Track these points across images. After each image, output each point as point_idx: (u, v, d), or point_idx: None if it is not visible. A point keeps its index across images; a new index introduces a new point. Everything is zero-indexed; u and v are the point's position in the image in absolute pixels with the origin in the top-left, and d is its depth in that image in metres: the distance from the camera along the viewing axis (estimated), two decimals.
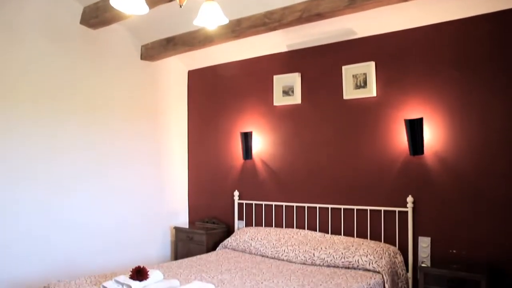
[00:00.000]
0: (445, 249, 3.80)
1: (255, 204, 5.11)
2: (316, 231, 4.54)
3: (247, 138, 5.08)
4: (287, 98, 4.82)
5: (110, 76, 4.93)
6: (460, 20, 3.77)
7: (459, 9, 3.70)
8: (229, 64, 5.44)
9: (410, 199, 3.94)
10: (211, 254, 4.50)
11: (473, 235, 3.67)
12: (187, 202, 5.84)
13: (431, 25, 3.92)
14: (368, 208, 4.21)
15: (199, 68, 5.78)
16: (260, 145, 5.09)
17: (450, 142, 3.80)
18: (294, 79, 4.76)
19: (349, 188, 4.38)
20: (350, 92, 4.35)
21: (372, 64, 4.21)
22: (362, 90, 4.27)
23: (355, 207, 4.29)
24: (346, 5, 3.58)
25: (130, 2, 2.54)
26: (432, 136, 3.88)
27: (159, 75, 5.52)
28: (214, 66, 5.60)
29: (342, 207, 4.38)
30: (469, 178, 3.70)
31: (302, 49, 4.76)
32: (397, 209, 4.04)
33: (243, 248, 4.58)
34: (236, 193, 5.23)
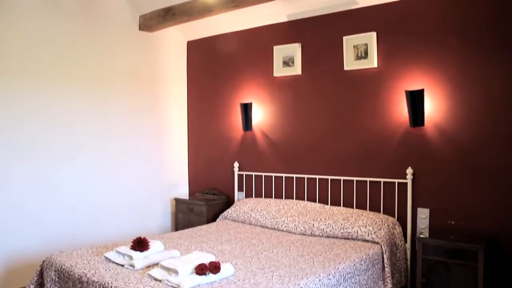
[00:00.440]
0: (443, 220, 3.82)
1: (255, 175, 5.13)
2: (315, 202, 4.56)
3: (247, 109, 5.05)
4: (287, 69, 4.78)
5: (108, 47, 4.88)
6: None
7: None
8: (228, 34, 5.37)
9: (409, 171, 3.94)
10: (211, 225, 4.54)
11: (471, 207, 3.69)
12: (187, 174, 5.86)
13: None
14: (368, 179, 4.22)
15: (198, 39, 5.71)
16: (260, 116, 5.07)
17: (450, 113, 3.78)
18: (295, 50, 4.71)
19: (349, 159, 4.38)
20: (350, 63, 4.31)
21: (373, 34, 4.15)
22: (363, 61, 4.23)
23: (355, 179, 4.30)
24: None
25: None
26: (433, 108, 3.86)
27: (158, 46, 5.46)
28: (213, 36, 5.53)
29: (342, 178, 4.39)
30: (469, 150, 3.69)
31: (302, 19, 4.69)
32: (396, 180, 4.05)
33: (243, 219, 4.61)
34: (236, 164, 5.24)
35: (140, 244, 3.22)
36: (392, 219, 3.95)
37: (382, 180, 4.13)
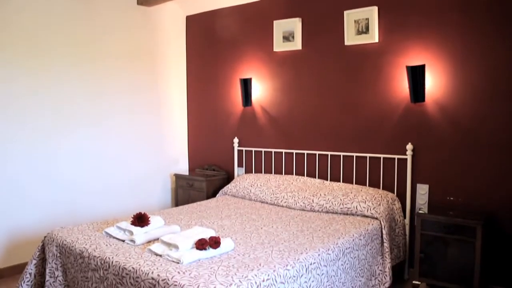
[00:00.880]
0: (442, 196, 3.84)
1: (254, 151, 5.13)
2: (315, 178, 4.58)
3: (246, 84, 5.02)
4: (287, 44, 4.73)
5: (106, 22, 4.82)
6: None
7: None
8: (228, 9, 5.30)
9: (409, 147, 3.94)
10: (211, 201, 4.56)
11: (471, 183, 3.70)
12: (186, 150, 5.86)
13: None
14: (368, 155, 4.22)
15: (197, 14, 5.63)
16: (260, 91, 5.04)
17: (451, 89, 3.76)
18: (295, 24, 4.65)
19: (348, 135, 4.37)
20: (351, 38, 4.26)
21: (374, 9, 4.09)
22: (364, 36, 4.18)
23: (355, 154, 4.30)
24: None
25: None
26: (434, 83, 3.83)
27: (157, 21, 5.39)
28: (213, 11, 5.46)
29: (342, 154, 4.39)
30: (469, 126, 3.68)
31: None
32: (396, 156, 4.05)
33: (243, 195, 4.63)
34: (236, 140, 5.23)
35: (140, 220, 3.24)
36: (391, 195, 3.96)
37: (382, 156, 4.13)
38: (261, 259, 2.68)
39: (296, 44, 4.67)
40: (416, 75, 3.79)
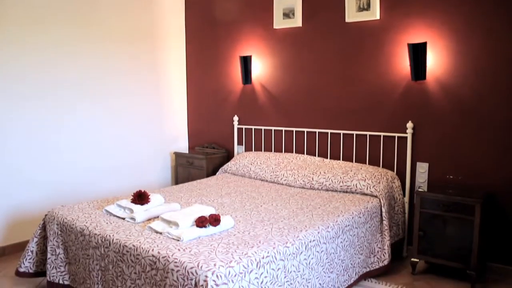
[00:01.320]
0: (442, 174, 3.85)
1: (254, 129, 5.12)
2: (315, 156, 4.58)
3: (246, 62, 4.98)
4: (288, 20, 4.68)
5: (106, 2, 4.74)
6: None
7: None
8: None
9: (410, 125, 3.93)
10: (211, 179, 4.57)
11: (470, 162, 3.70)
12: (186, 128, 5.84)
13: None
14: (368, 133, 4.21)
15: None
16: (260, 69, 5.01)
17: (452, 67, 3.73)
18: (295, 1, 4.59)
19: (349, 113, 4.36)
20: (352, 15, 4.21)
21: None
22: (365, 12, 4.13)
23: (355, 132, 4.30)
24: None
25: None
26: (435, 61, 3.80)
27: None
28: None
29: (342, 132, 4.38)
30: (470, 104, 3.66)
31: None
32: (396, 134, 4.04)
33: (242, 173, 4.64)
34: (236, 118, 5.22)
35: (140, 198, 3.25)
36: (391, 173, 3.97)
37: (382, 134, 4.13)
38: (260, 237, 2.70)
39: (297, 21, 4.61)
40: (418, 52, 3.75)
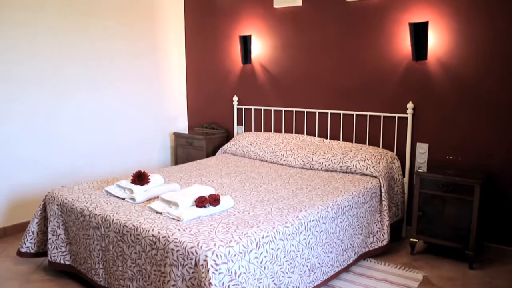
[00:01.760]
0: (442, 155, 3.84)
1: (254, 109, 5.10)
2: (315, 136, 4.57)
3: (246, 42, 4.94)
4: None
5: None
6: None
7: None
8: None
9: (410, 105, 3.91)
10: (211, 159, 4.57)
11: (470, 143, 3.69)
12: (186, 108, 5.82)
13: None
14: (368, 113, 4.20)
15: None
16: (260, 49, 4.97)
17: (454, 47, 3.69)
18: None
19: (349, 93, 4.33)
20: None
21: None
22: None
23: (355, 113, 4.28)
24: None
25: None
26: (436, 41, 3.76)
27: None
28: None
29: (342, 112, 4.37)
30: (471, 85, 3.64)
31: None
32: (396, 115, 4.03)
33: (242, 153, 4.63)
34: (235, 98, 5.19)
35: (140, 178, 3.25)
36: (391, 154, 3.97)
37: (382, 114, 4.11)
38: (260, 217, 2.71)
39: (297, 0, 4.56)
40: (419, 32, 3.71)
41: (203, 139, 5.08)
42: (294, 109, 4.72)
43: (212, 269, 2.17)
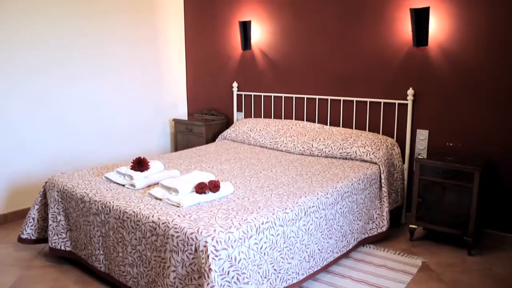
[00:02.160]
0: (442, 142, 3.84)
1: (254, 95, 5.08)
2: (315, 122, 4.56)
3: (245, 27, 4.91)
4: None
5: None
6: None
7: None
8: None
9: (410, 92, 3.90)
10: (211, 145, 4.56)
11: (471, 129, 3.68)
12: (185, 94, 5.80)
13: None
14: (368, 100, 4.19)
15: None
16: (259, 35, 4.93)
17: (455, 33, 3.67)
18: None
19: (349, 79, 4.32)
20: None
21: None
22: None
23: (355, 99, 4.27)
24: None
25: None
26: (438, 27, 3.74)
27: None
28: None
29: (342, 98, 4.35)
30: (471, 71, 3.62)
31: None
32: (397, 101, 4.01)
33: (242, 139, 4.63)
34: (235, 84, 5.17)
35: (140, 164, 3.25)
36: (391, 140, 3.96)
37: (383, 101, 4.10)
38: (260, 203, 2.71)
39: None
40: (420, 18, 3.68)
41: (202, 125, 5.07)
42: (294, 95, 4.71)
43: (212, 255, 2.18)
